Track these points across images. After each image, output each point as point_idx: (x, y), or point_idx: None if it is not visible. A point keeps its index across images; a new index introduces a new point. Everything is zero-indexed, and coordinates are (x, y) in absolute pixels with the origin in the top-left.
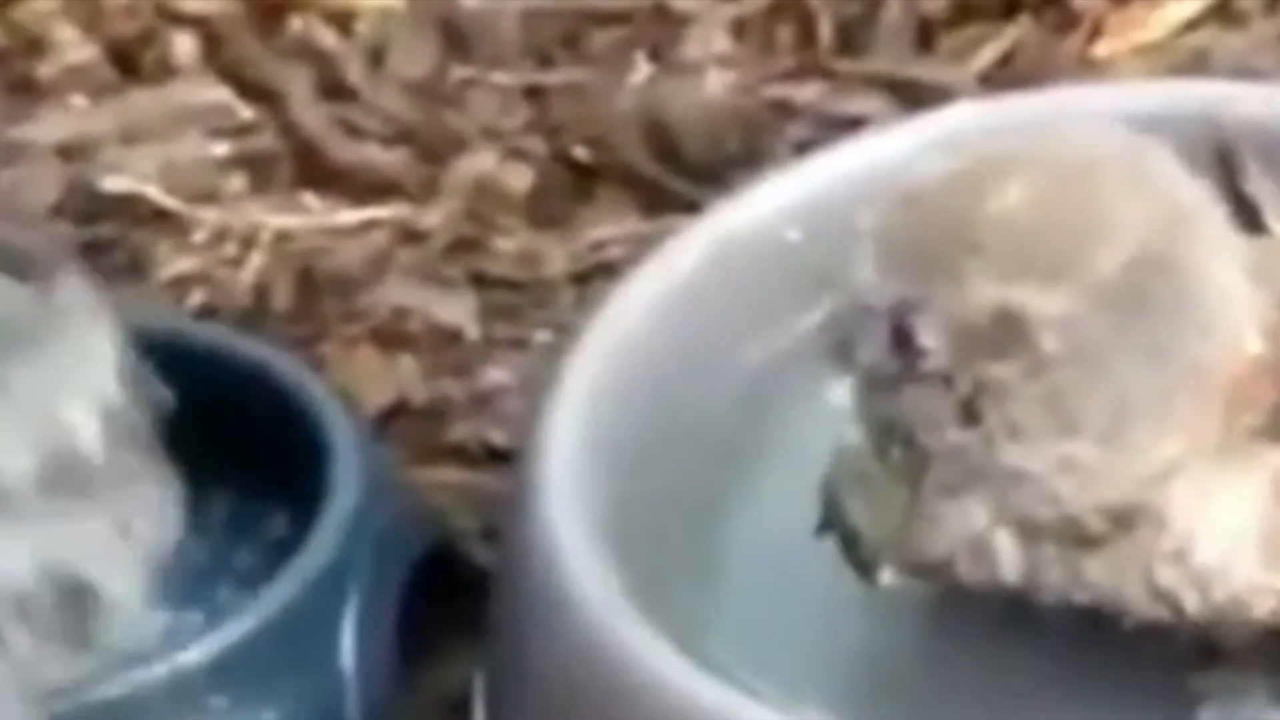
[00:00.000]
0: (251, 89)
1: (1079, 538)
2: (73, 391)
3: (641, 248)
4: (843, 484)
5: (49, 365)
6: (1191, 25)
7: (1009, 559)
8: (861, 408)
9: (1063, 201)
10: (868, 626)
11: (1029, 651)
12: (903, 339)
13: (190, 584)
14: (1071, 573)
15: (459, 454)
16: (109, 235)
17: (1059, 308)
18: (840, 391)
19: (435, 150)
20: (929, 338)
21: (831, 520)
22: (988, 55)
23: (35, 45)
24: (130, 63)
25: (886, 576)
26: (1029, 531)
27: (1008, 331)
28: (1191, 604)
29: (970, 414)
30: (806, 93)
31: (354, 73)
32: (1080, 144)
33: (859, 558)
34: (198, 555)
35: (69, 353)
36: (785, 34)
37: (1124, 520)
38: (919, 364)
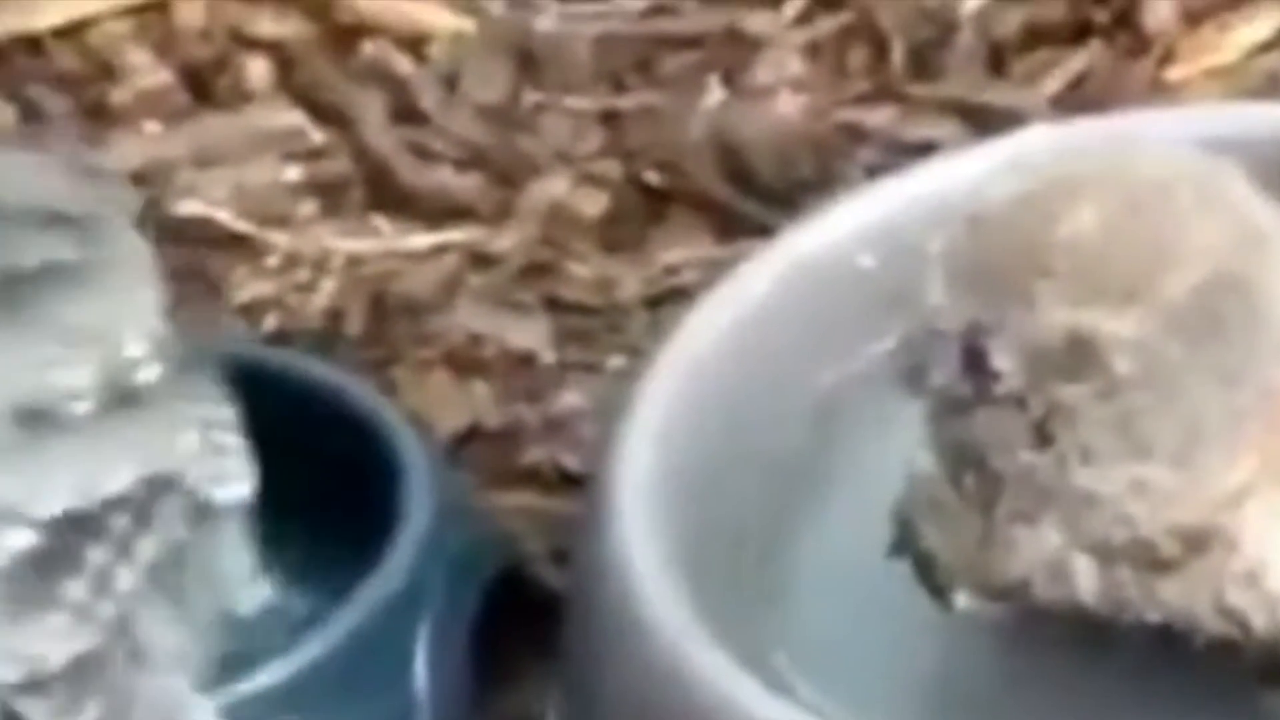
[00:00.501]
0: (324, 113)
1: (1153, 560)
2: (123, 321)
3: (714, 272)
4: (916, 508)
5: (99, 299)
6: (1264, 48)
7: (1086, 581)
8: (934, 432)
9: (1134, 224)
10: (939, 648)
11: (1100, 672)
12: (975, 362)
13: (264, 608)
14: (1146, 594)
15: (532, 478)
16: (182, 260)
17: (1131, 330)
18: (911, 415)
19: (508, 174)
20: (1002, 361)
21: (905, 544)
22: (1059, 79)
23: (108, 70)
24: (203, 87)
25: (961, 600)
26: (1104, 554)
27: (1080, 354)
28: (1260, 624)
29: (1043, 437)
30: (878, 117)
31: (427, 97)
32: (1151, 166)
33: (933, 581)
34: (272, 579)
35: (117, 288)
36: (857, 58)
37: (1197, 543)
38: (992, 387)
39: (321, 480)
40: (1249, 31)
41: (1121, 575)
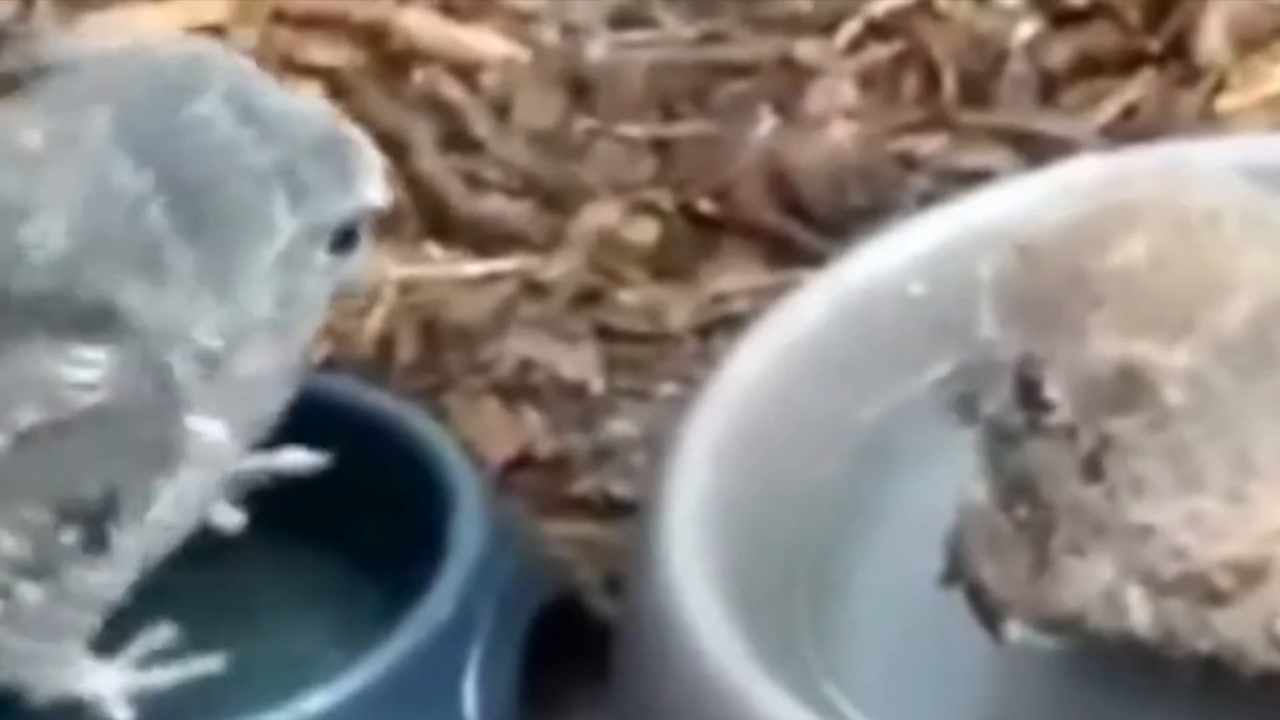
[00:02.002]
0: (377, 140)
1: (1206, 592)
2: None
3: (764, 300)
4: (968, 539)
5: None
6: None
7: (1139, 613)
8: (985, 462)
9: (1184, 254)
10: (990, 679)
11: (1154, 704)
12: (1027, 393)
13: (315, 634)
14: (1199, 625)
15: (582, 506)
16: None
17: (1183, 361)
18: (963, 444)
19: (560, 202)
20: (1054, 391)
21: (956, 574)
22: (1111, 108)
23: None
24: None
25: (1013, 631)
26: (1157, 586)
27: (1131, 385)
28: None
29: (1094, 469)
30: (930, 145)
31: (479, 124)
32: (1201, 195)
33: (985, 612)
34: (322, 605)
35: None
36: (910, 86)
37: (1250, 575)
38: (1044, 418)
39: (372, 507)
40: None
41: (1174, 607)
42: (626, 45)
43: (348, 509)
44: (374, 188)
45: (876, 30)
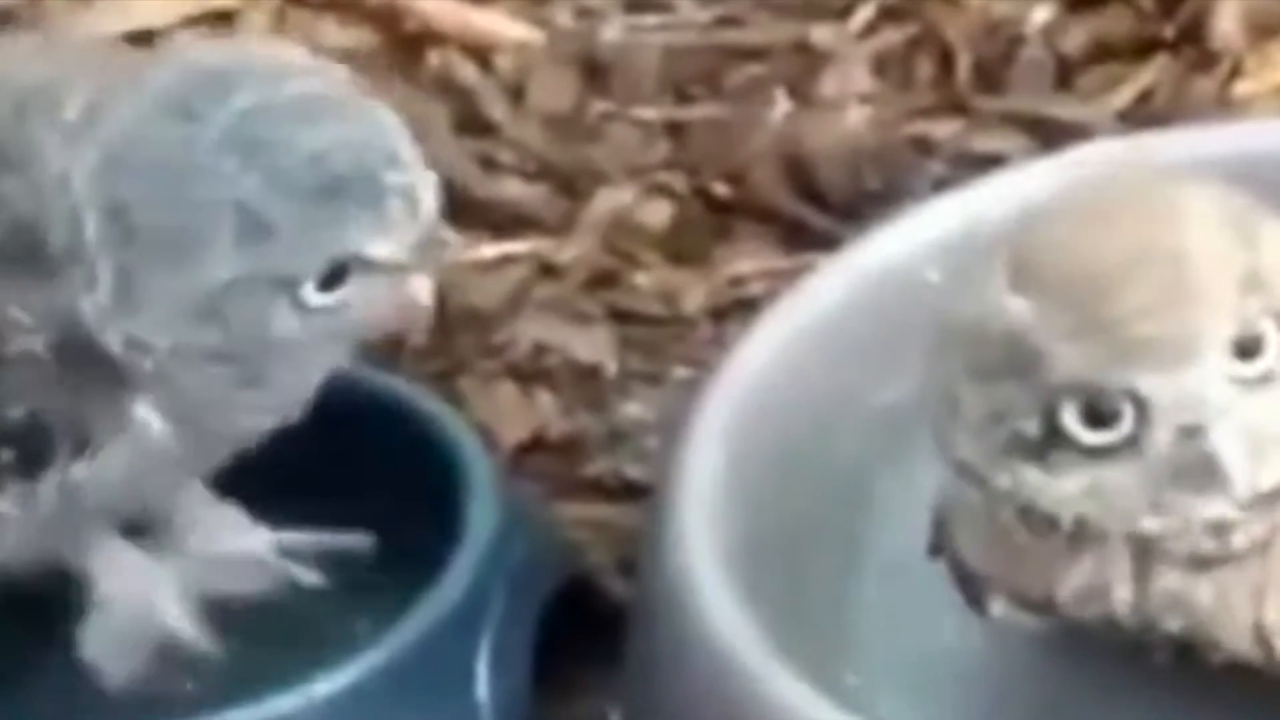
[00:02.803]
0: None
1: (1191, 556)
2: None
3: (780, 284)
4: (953, 514)
5: None
6: None
7: (1121, 593)
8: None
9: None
10: (1003, 655)
11: (1164, 684)
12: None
13: (328, 616)
14: (1179, 597)
15: (596, 489)
16: None
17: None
18: None
19: (574, 185)
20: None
21: (942, 546)
22: (1126, 94)
23: None
24: None
25: (997, 608)
26: (1142, 547)
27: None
28: None
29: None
30: (945, 130)
31: (494, 107)
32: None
33: (969, 588)
34: (335, 587)
35: None
36: (924, 71)
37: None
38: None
39: (386, 490)
40: None
41: (1157, 578)
42: (641, 28)
43: (361, 491)
44: (370, 239)
45: (891, 14)
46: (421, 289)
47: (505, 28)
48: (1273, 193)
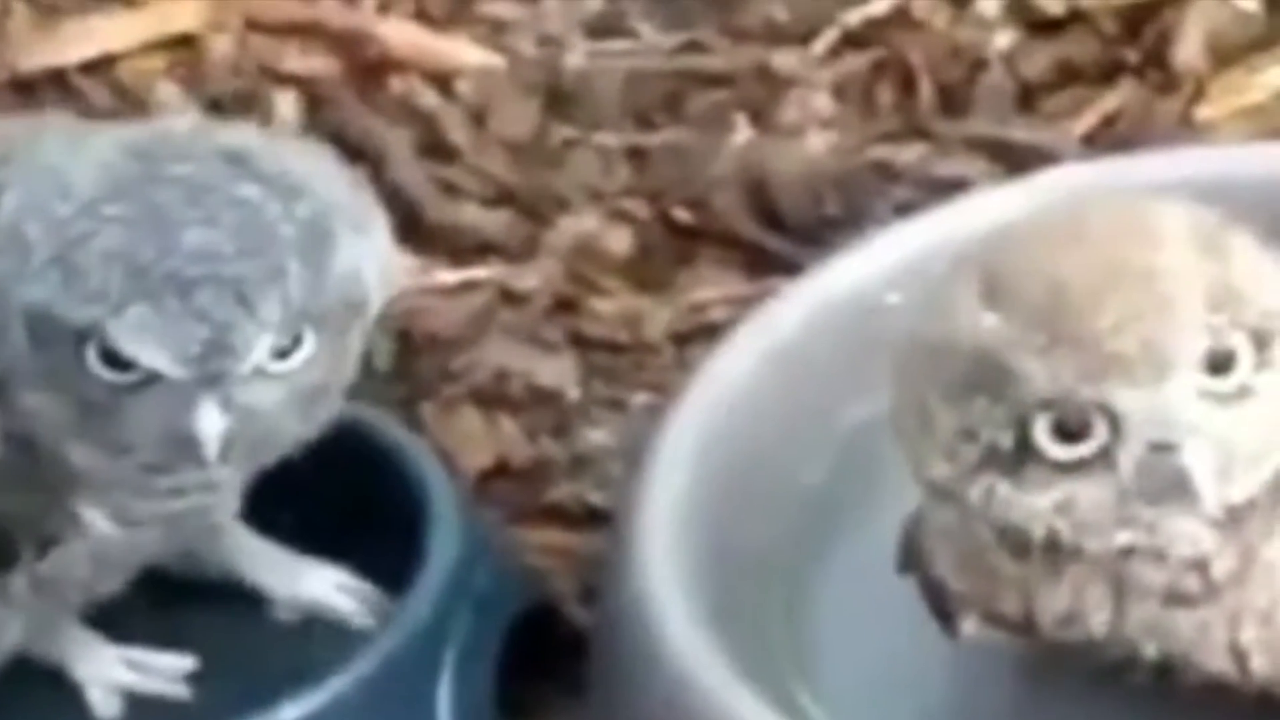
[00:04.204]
0: (352, 149)
1: (1169, 597)
2: None
3: (742, 309)
4: (927, 533)
5: None
6: None
7: (1098, 615)
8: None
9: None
10: (966, 684)
11: (1126, 704)
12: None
13: (293, 642)
14: (1157, 631)
15: (558, 515)
16: None
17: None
18: None
19: (536, 211)
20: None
21: (911, 564)
22: (1090, 118)
23: (138, 104)
24: (232, 121)
25: (969, 628)
26: (1119, 587)
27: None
28: (1259, 665)
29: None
30: (907, 154)
31: (456, 133)
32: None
33: (941, 607)
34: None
35: None
36: (886, 96)
37: (1225, 579)
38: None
39: (348, 516)
40: (1279, 72)
41: (1134, 609)
42: (603, 54)
43: (325, 518)
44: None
45: (853, 40)
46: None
47: (467, 54)
48: (1237, 217)
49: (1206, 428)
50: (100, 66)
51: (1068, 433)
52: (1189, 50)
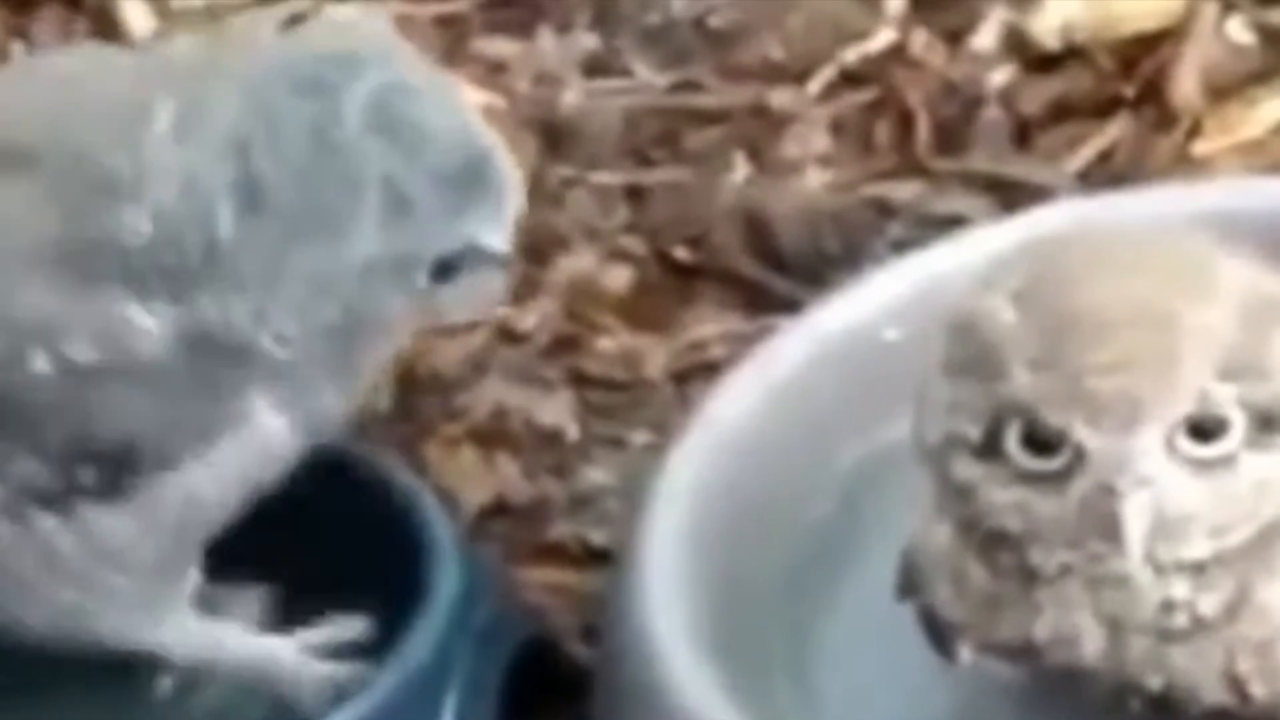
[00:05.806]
0: None
1: (1164, 631)
2: None
3: (740, 347)
4: (924, 559)
5: None
6: None
7: (1092, 645)
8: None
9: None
10: (966, 711)
11: None
12: (990, 443)
13: (291, 680)
14: (1153, 661)
15: (558, 553)
16: None
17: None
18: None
19: (535, 249)
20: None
21: (910, 590)
22: (1086, 154)
23: None
24: None
25: (965, 655)
26: (1115, 624)
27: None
28: (1260, 693)
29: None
30: (905, 192)
31: None
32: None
33: (938, 634)
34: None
35: None
36: (883, 133)
37: (1221, 614)
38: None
39: (349, 554)
40: (1275, 106)
41: (1131, 642)
42: (600, 93)
43: (324, 556)
44: (490, 229)
45: (850, 77)
46: (501, 284)
47: (465, 93)
48: (1234, 252)
49: (1164, 485)
50: None
51: (1036, 444)
52: (1185, 85)
